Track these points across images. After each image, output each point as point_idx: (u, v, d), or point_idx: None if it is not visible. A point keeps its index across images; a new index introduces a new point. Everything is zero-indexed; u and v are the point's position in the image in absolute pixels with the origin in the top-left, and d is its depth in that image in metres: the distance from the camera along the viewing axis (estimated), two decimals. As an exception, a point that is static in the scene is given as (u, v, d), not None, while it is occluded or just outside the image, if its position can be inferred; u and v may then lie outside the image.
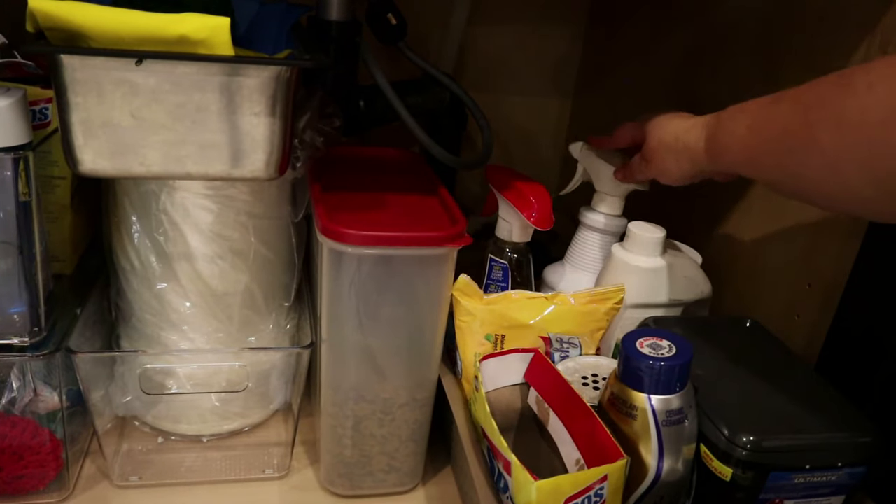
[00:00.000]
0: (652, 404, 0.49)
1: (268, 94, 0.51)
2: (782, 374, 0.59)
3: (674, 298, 0.66)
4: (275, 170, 0.54)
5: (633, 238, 0.65)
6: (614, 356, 0.66)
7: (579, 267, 0.73)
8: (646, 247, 0.65)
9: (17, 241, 0.53)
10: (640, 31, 0.91)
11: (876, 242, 0.57)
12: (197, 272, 0.61)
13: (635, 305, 0.66)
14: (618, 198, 0.72)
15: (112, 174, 0.52)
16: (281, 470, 0.66)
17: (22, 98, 0.51)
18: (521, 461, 0.48)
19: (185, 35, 0.47)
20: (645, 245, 0.65)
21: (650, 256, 0.65)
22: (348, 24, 0.70)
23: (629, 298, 0.65)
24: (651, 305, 0.66)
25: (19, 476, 0.59)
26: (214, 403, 0.66)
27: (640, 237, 0.65)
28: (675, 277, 0.66)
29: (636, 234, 0.65)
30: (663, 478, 0.51)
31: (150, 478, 0.64)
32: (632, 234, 0.65)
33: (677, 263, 0.68)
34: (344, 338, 0.58)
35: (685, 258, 0.70)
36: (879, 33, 0.56)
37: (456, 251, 0.57)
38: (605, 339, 0.66)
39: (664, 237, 0.65)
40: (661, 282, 0.66)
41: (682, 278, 0.68)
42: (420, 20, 0.89)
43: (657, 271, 0.65)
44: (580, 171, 0.74)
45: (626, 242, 0.66)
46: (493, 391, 0.60)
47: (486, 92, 0.93)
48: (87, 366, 0.58)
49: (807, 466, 0.51)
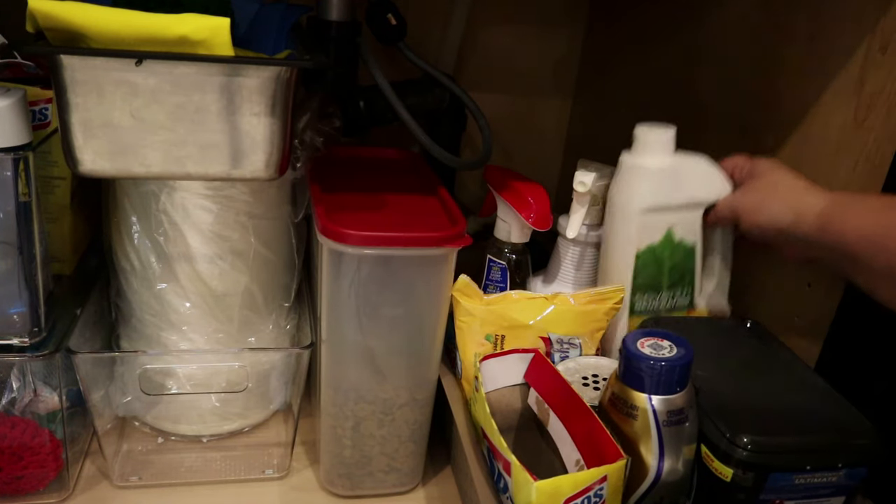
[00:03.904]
0: (653, 404, 0.49)
1: (267, 94, 0.51)
2: (782, 375, 0.59)
3: (692, 197, 0.64)
4: (275, 170, 0.54)
5: (640, 140, 0.62)
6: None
7: (563, 281, 0.72)
8: (654, 146, 0.62)
9: (17, 241, 0.53)
10: (640, 31, 0.91)
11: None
12: (197, 272, 0.61)
13: (651, 209, 0.63)
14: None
15: (112, 174, 0.52)
16: (281, 470, 0.66)
17: (22, 98, 0.51)
18: (520, 461, 0.48)
19: (185, 35, 0.47)
20: (653, 145, 0.62)
21: (660, 155, 0.62)
22: (348, 25, 0.70)
23: (643, 202, 0.62)
24: (668, 208, 0.63)
25: (19, 476, 0.59)
26: (214, 404, 0.66)
27: (647, 138, 0.62)
28: (690, 175, 0.63)
29: (643, 135, 0.62)
30: (663, 478, 0.51)
31: (150, 478, 0.64)
32: (638, 137, 0.62)
33: (690, 162, 0.64)
34: (344, 338, 0.58)
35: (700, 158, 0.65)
36: (879, 33, 0.56)
37: (456, 251, 0.57)
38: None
39: (674, 135, 0.62)
40: (676, 180, 0.63)
41: (699, 175, 0.64)
42: (420, 20, 0.89)
43: (669, 170, 0.62)
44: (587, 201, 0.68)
45: (634, 146, 0.63)
46: (493, 391, 0.60)
47: (486, 92, 0.93)
48: (87, 366, 0.58)
49: (807, 467, 0.51)
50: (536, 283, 0.73)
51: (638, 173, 0.63)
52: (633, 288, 0.65)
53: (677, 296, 0.67)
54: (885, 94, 0.55)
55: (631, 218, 0.63)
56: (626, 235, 0.64)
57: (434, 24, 0.93)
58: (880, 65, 0.56)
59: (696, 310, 0.69)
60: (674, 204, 0.64)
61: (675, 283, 0.67)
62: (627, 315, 0.66)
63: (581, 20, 1.01)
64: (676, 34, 0.78)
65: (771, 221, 0.58)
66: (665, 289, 0.66)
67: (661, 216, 0.64)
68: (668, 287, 0.66)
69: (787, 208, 0.56)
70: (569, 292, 0.66)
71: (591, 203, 0.68)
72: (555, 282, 0.72)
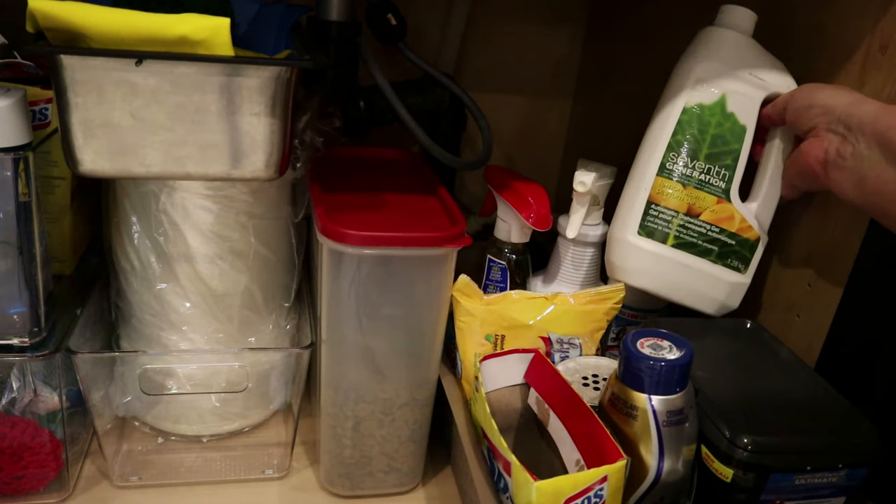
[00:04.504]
0: (652, 405, 0.49)
1: (267, 94, 0.51)
2: (783, 375, 0.59)
3: (756, 74, 0.63)
4: (275, 170, 0.54)
5: (720, 15, 0.64)
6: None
7: (563, 280, 0.72)
8: (733, 21, 0.63)
9: (17, 241, 0.53)
10: (640, 31, 0.91)
11: (876, 243, 0.57)
12: (197, 273, 0.61)
13: (710, 67, 0.63)
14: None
15: (112, 175, 0.52)
16: (281, 470, 0.66)
17: (22, 98, 0.51)
18: (521, 461, 0.48)
19: (186, 35, 0.47)
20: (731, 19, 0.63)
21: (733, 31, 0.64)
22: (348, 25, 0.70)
23: (705, 56, 0.63)
24: (728, 75, 0.63)
25: (19, 476, 0.59)
26: (214, 404, 0.66)
27: (728, 13, 0.64)
28: (760, 57, 0.63)
29: (725, 11, 0.64)
30: (663, 478, 0.51)
31: (150, 478, 0.64)
32: (721, 12, 0.64)
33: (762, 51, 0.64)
34: (344, 338, 0.58)
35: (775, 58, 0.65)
36: (879, 33, 0.56)
37: (456, 251, 0.57)
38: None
39: (754, 20, 0.64)
40: (744, 54, 0.63)
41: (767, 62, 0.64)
42: (420, 20, 0.89)
43: (738, 43, 0.63)
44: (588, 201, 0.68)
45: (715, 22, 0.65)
46: (493, 391, 0.60)
47: (486, 92, 0.93)
48: (87, 366, 0.58)
49: (808, 468, 0.51)
50: (536, 283, 0.74)
51: (708, 36, 0.64)
52: (670, 144, 0.63)
53: (712, 173, 0.63)
54: (886, 94, 0.55)
55: (690, 69, 0.63)
56: (679, 85, 0.63)
57: (434, 24, 0.93)
58: (880, 65, 0.56)
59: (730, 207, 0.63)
60: (736, 72, 0.62)
61: (714, 156, 0.63)
62: (655, 172, 0.63)
63: (581, 20, 1.01)
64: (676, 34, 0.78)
65: (828, 98, 0.56)
66: (703, 157, 0.63)
67: (719, 79, 0.62)
68: (707, 157, 0.63)
69: (848, 92, 0.55)
70: (569, 292, 0.66)
71: (591, 203, 0.68)
72: (555, 282, 0.72)
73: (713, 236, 0.63)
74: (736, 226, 0.63)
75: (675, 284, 0.64)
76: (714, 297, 0.64)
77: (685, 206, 0.63)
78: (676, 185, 0.63)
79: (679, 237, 0.63)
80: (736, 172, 0.63)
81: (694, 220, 0.63)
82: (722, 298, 0.64)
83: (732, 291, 0.64)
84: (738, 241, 0.64)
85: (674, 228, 0.63)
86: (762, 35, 0.64)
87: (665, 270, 0.64)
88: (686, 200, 0.63)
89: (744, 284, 0.64)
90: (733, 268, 0.64)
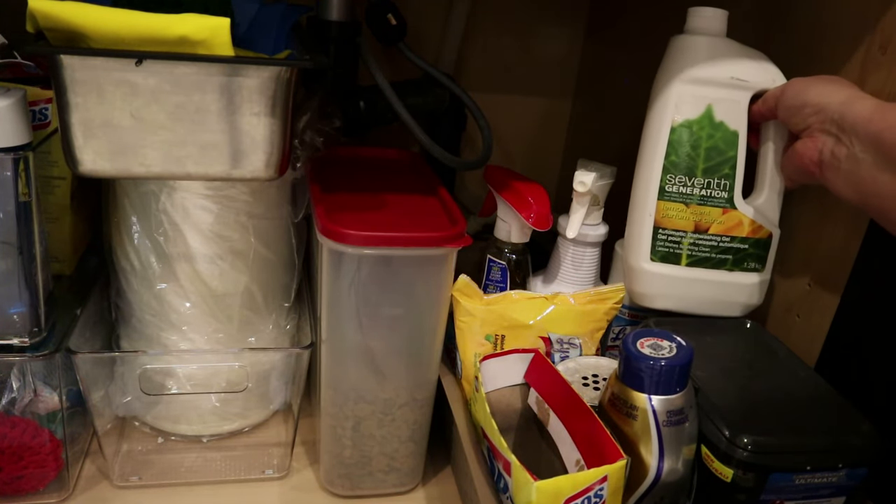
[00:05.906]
0: (652, 405, 0.49)
1: (267, 94, 0.51)
2: (782, 375, 0.59)
3: (738, 76, 0.61)
4: (275, 170, 0.54)
5: (689, 19, 0.63)
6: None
7: (564, 281, 0.72)
8: (701, 25, 0.62)
9: (17, 241, 0.53)
10: (640, 31, 0.91)
11: (876, 242, 0.57)
12: (197, 273, 0.61)
13: (691, 80, 0.61)
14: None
15: (112, 175, 0.52)
16: (281, 470, 0.66)
17: (22, 98, 0.51)
18: (521, 461, 0.48)
19: (186, 35, 0.47)
20: (699, 22, 0.62)
21: (706, 34, 0.62)
22: (348, 25, 0.70)
23: (682, 71, 0.61)
24: (710, 82, 0.61)
25: (19, 476, 0.59)
26: (214, 404, 0.66)
27: (696, 16, 0.62)
28: (740, 56, 0.62)
29: (693, 14, 0.62)
30: (663, 478, 0.51)
31: (150, 478, 0.64)
32: (690, 16, 0.63)
33: (742, 48, 0.63)
34: (344, 338, 0.58)
35: (755, 50, 0.64)
36: (879, 33, 0.56)
37: (456, 252, 0.57)
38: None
39: (725, 18, 0.62)
40: (722, 57, 0.62)
41: (749, 58, 0.62)
42: (420, 20, 0.89)
43: (715, 46, 0.62)
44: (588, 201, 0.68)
45: (685, 28, 0.63)
46: (493, 391, 0.60)
47: (486, 92, 0.93)
48: (87, 366, 0.58)
49: (808, 468, 0.51)
50: (536, 283, 0.73)
51: (681, 46, 0.62)
52: (665, 166, 0.62)
53: (713, 185, 0.63)
54: (885, 94, 0.55)
55: (669, 87, 0.62)
56: (661, 104, 0.63)
57: (434, 24, 0.93)
58: (880, 65, 0.56)
59: (737, 213, 0.63)
60: (717, 79, 0.61)
61: (711, 169, 0.62)
62: (656, 197, 0.63)
63: (581, 20, 1.01)
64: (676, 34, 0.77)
65: (820, 97, 0.54)
66: (700, 173, 0.62)
67: (702, 89, 0.61)
68: (704, 172, 0.62)
69: (841, 88, 0.54)
70: (569, 292, 0.66)
71: (591, 203, 0.68)
72: (555, 282, 0.72)
73: (725, 246, 0.63)
74: (746, 230, 0.63)
75: (697, 300, 0.65)
76: (737, 302, 0.65)
77: (692, 224, 0.63)
78: (679, 206, 0.63)
79: (692, 255, 0.63)
80: (736, 179, 0.63)
81: (703, 236, 0.63)
82: (744, 300, 0.65)
83: (754, 291, 0.65)
84: (751, 243, 0.64)
85: (685, 248, 0.63)
86: (762, 35, 0.64)
87: (685, 290, 0.64)
88: (692, 218, 0.63)
89: (765, 282, 0.65)
90: (751, 270, 0.64)
